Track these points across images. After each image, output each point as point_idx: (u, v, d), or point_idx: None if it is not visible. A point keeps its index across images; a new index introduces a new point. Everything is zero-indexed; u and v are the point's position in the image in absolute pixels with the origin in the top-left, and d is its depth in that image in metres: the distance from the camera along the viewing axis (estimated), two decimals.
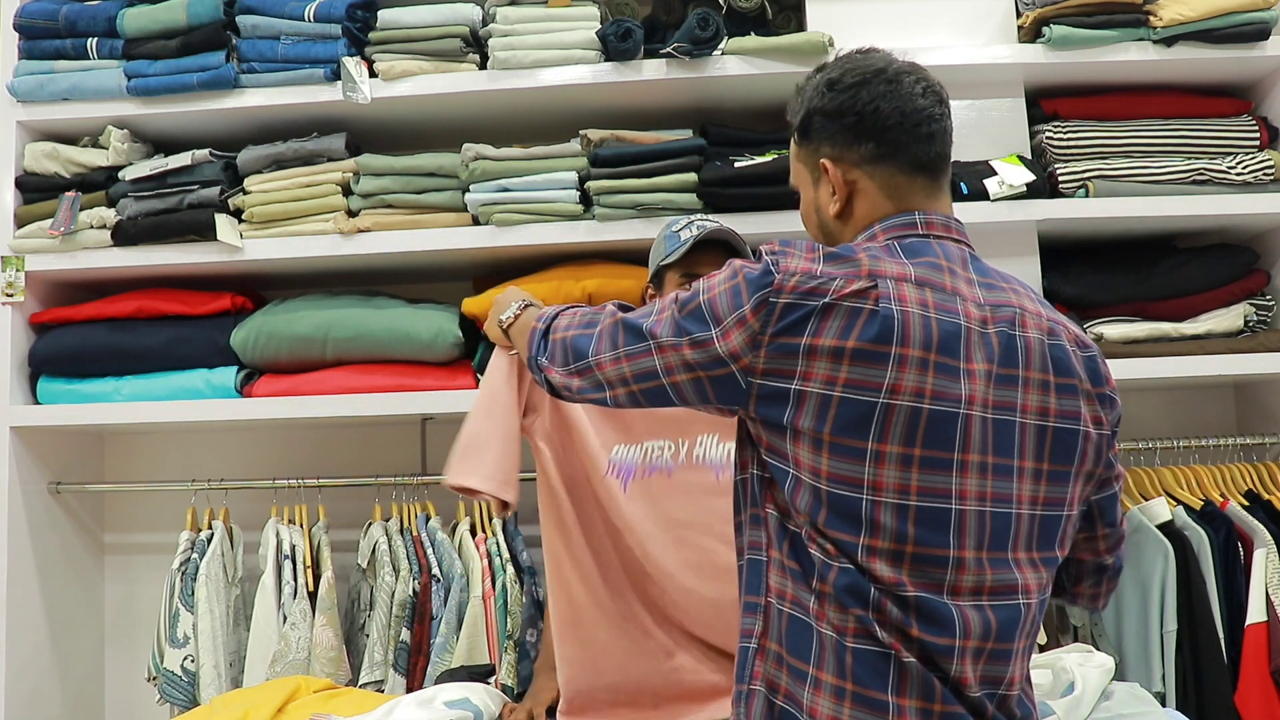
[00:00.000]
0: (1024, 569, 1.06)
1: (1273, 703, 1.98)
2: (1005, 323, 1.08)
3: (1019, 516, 1.06)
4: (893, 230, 1.13)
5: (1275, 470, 2.24)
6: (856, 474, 1.02)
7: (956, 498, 1.02)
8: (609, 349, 1.17)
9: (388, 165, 2.31)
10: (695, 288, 1.13)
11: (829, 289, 1.03)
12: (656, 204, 2.23)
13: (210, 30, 2.31)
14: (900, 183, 1.15)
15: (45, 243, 2.33)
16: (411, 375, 2.28)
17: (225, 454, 2.65)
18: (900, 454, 1.01)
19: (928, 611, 1.01)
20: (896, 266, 1.06)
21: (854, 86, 1.15)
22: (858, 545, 1.02)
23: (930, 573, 1.02)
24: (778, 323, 1.04)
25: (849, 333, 1.01)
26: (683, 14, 2.40)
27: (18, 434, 2.32)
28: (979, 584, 1.03)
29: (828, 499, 1.03)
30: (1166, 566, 2.04)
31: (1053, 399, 1.09)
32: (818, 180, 1.20)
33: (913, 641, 1.01)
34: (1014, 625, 1.05)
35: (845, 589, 1.02)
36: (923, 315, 1.03)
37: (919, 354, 1.01)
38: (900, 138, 1.14)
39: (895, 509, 1.01)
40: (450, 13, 2.31)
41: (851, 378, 1.01)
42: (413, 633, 2.20)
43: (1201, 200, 2.24)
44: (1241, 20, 2.24)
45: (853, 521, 1.02)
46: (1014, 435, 1.06)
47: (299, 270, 2.44)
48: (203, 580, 2.24)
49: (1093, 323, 2.24)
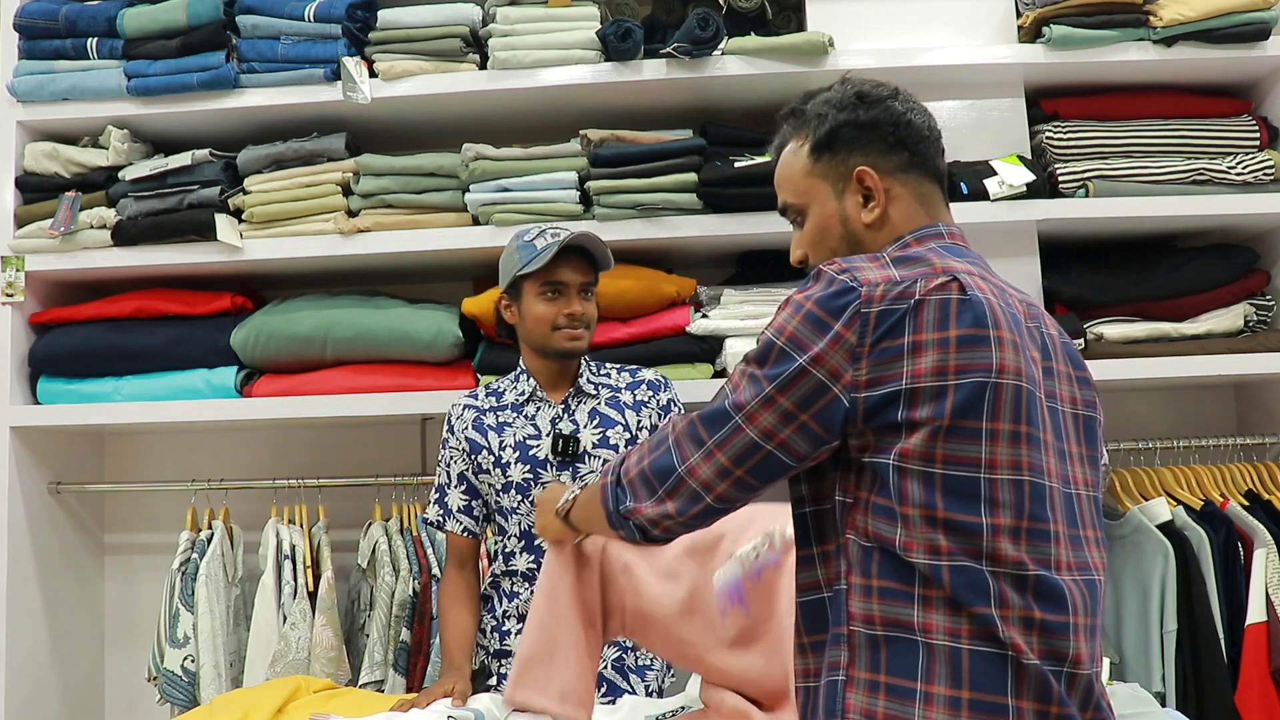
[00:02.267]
0: (1091, 547, 1.12)
1: (1273, 703, 1.98)
2: (1036, 319, 1.16)
3: (1078, 497, 1.12)
4: (926, 239, 1.18)
5: (1275, 470, 2.24)
6: (974, 454, 1.04)
7: (1047, 475, 1.07)
8: (695, 449, 1.11)
9: (388, 165, 2.31)
10: (763, 338, 1.11)
11: (915, 290, 1.06)
12: (656, 204, 2.23)
13: (210, 30, 2.31)
14: (928, 191, 1.22)
15: (45, 243, 2.33)
16: (411, 375, 2.28)
17: (225, 454, 2.65)
18: (1010, 431, 1.05)
19: (1045, 589, 1.03)
20: (961, 263, 1.11)
21: (887, 99, 1.22)
22: (982, 525, 1.03)
23: (1042, 548, 1.05)
24: (875, 330, 1.05)
25: (947, 323, 1.05)
26: (683, 14, 2.40)
27: (18, 434, 2.32)
28: (1071, 559, 1.08)
29: (945, 484, 1.04)
30: (1166, 566, 2.04)
31: (1077, 389, 1.17)
32: (843, 191, 1.22)
33: (1034, 628, 1.02)
34: (1096, 599, 1.10)
35: (965, 586, 1.02)
36: (1001, 304, 1.08)
37: (1011, 336, 1.06)
38: (927, 150, 1.23)
39: (1012, 485, 1.04)
40: (450, 13, 2.31)
41: (960, 363, 1.04)
42: (413, 633, 2.20)
43: (1201, 200, 2.24)
44: (1241, 20, 2.24)
45: (973, 501, 1.04)
46: (1063, 421, 1.13)
47: (299, 270, 2.44)
48: (203, 580, 2.24)
49: (1093, 323, 2.24)
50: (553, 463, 1.86)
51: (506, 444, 1.88)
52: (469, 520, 1.91)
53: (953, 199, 2.18)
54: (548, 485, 1.70)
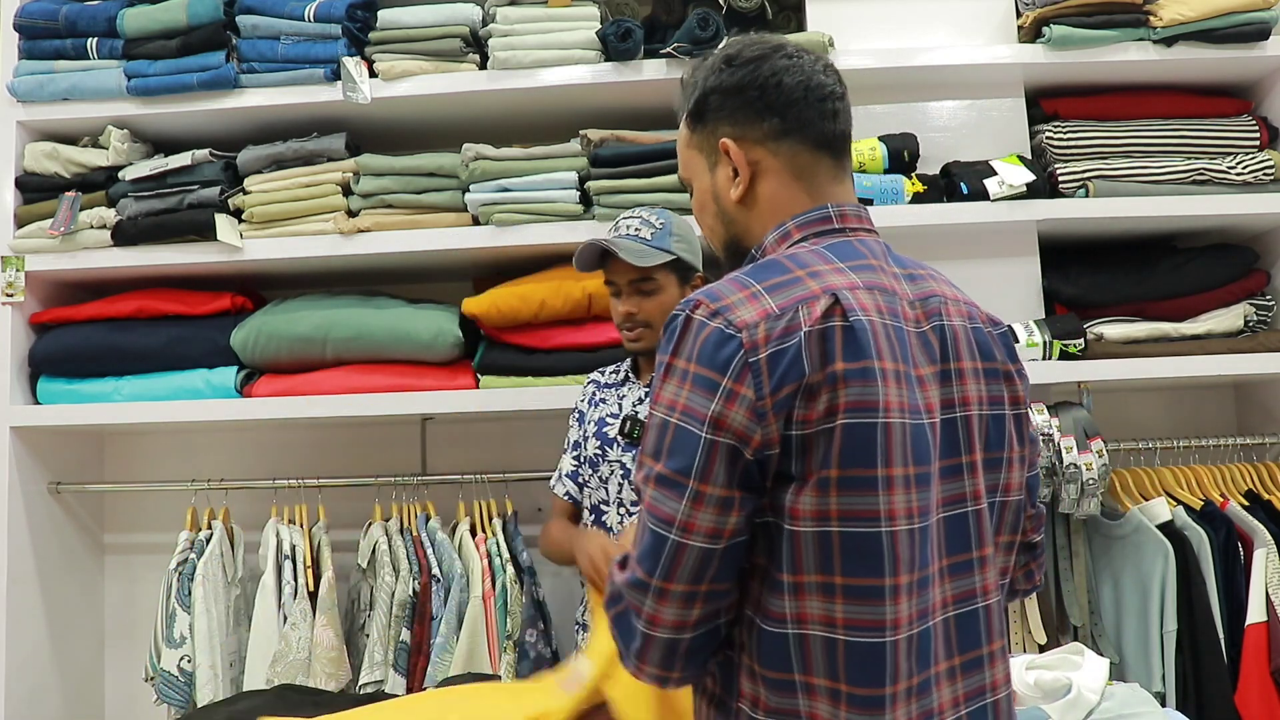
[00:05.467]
0: (986, 568, 1.03)
1: (1273, 703, 1.98)
2: (935, 315, 1.03)
3: (978, 513, 1.02)
4: (810, 228, 1.06)
5: (1275, 470, 2.24)
6: (870, 507, 0.92)
7: (929, 512, 0.97)
8: (645, 598, 0.95)
9: (388, 165, 2.31)
10: (654, 422, 0.97)
11: (798, 322, 0.93)
12: (656, 204, 2.22)
13: (210, 30, 2.31)
14: (805, 161, 1.08)
15: (45, 243, 2.33)
16: (411, 375, 2.28)
17: (225, 454, 2.65)
18: (902, 476, 0.94)
19: (913, 649, 0.96)
20: (840, 276, 0.98)
21: (754, 60, 1.08)
22: (883, 586, 0.92)
23: (923, 597, 0.97)
24: (771, 379, 0.92)
25: (831, 356, 0.92)
26: (683, 14, 2.41)
27: (18, 434, 2.32)
28: (944, 596, 0.99)
29: (841, 541, 0.92)
30: (1166, 566, 2.04)
31: (984, 386, 1.05)
32: (715, 165, 1.11)
33: (896, 698, 0.97)
34: (978, 629, 1.01)
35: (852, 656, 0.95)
36: (882, 324, 0.96)
37: (892, 366, 0.95)
38: (805, 113, 1.07)
39: (909, 536, 0.94)
40: (450, 13, 2.31)
41: (849, 401, 0.92)
42: (413, 633, 2.20)
43: (1201, 200, 2.24)
44: (1241, 20, 2.24)
45: (873, 560, 0.92)
46: (957, 431, 1.01)
47: (299, 270, 2.44)
48: (200, 580, 2.24)
49: (1093, 323, 2.24)
50: (620, 443, 1.89)
51: (593, 419, 1.96)
52: (572, 486, 1.99)
53: (952, 199, 2.23)
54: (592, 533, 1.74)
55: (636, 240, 1.81)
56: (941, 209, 2.21)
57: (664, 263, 1.80)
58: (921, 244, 2.22)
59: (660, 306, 1.82)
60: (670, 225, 1.84)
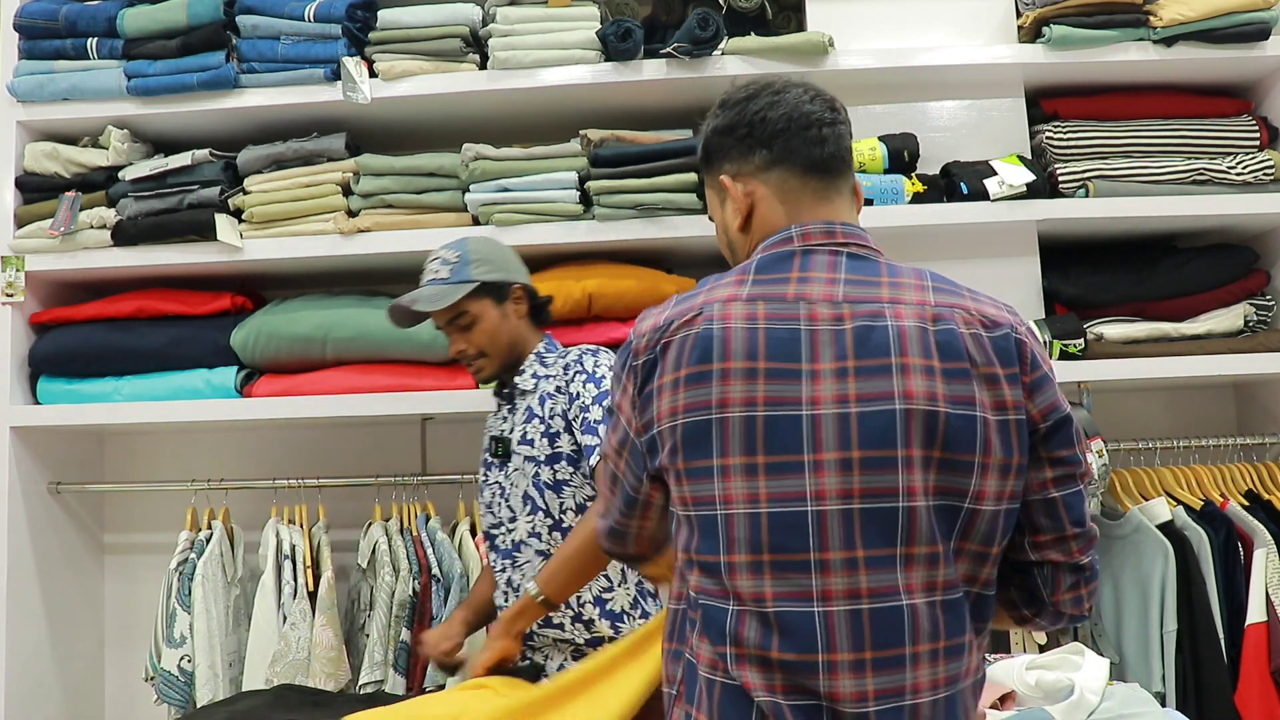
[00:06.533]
0: (914, 567, 1.03)
1: (1273, 703, 1.98)
2: (866, 316, 1.06)
3: (911, 510, 1.02)
4: (770, 250, 1.14)
5: (1275, 470, 2.24)
6: (709, 492, 1.05)
7: (814, 499, 1.02)
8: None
9: (388, 165, 2.31)
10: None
11: (668, 331, 1.10)
12: (656, 204, 2.23)
13: (210, 30, 2.31)
14: (793, 186, 1.16)
15: (45, 243, 2.33)
16: (411, 375, 2.28)
17: (225, 454, 2.65)
18: (744, 464, 1.04)
19: (788, 626, 1.02)
20: (730, 290, 1.10)
21: (743, 100, 1.19)
22: (719, 562, 1.05)
23: (794, 579, 1.02)
24: (640, 380, 1.11)
25: (680, 363, 1.08)
26: (683, 14, 2.40)
27: (18, 434, 2.32)
28: (849, 587, 1.02)
29: (697, 524, 1.07)
30: (1166, 566, 2.04)
31: (940, 384, 1.03)
32: (723, 201, 1.22)
33: (772, 666, 1.02)
34: (896, 627, 1.02)
35: (708, 623, 1.07)
36: (747, 329, 1.06)
37: (744, 365, 1.05)
38: (790, 141, 1.16)
39: (748, 519, 1.03)
40: (450, 13, 2.31)
41: (686, 402, 1.06)
42: (412, 633, 2.20)
43: (1201, 200, 2.24)
44: (1241, 20, 2.24)
45: (713, 539, 1.05)
46: (892, 424, 1.02)
47: (299, 270, 2.44)
48: (199, 580, 2.24)
49: (1093, 323, 2.24)
50: (495, 464, 1.89)
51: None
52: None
53: (952, 199, 2.23)
54: None
55: (435, 284, 1.83)
56: (941, 209, 2.21)
57: (468, 293, 1.81)
58: (921, 244, 2.23)
59: (486, 333, 1.85)
60: (467, 254, 1.85)
